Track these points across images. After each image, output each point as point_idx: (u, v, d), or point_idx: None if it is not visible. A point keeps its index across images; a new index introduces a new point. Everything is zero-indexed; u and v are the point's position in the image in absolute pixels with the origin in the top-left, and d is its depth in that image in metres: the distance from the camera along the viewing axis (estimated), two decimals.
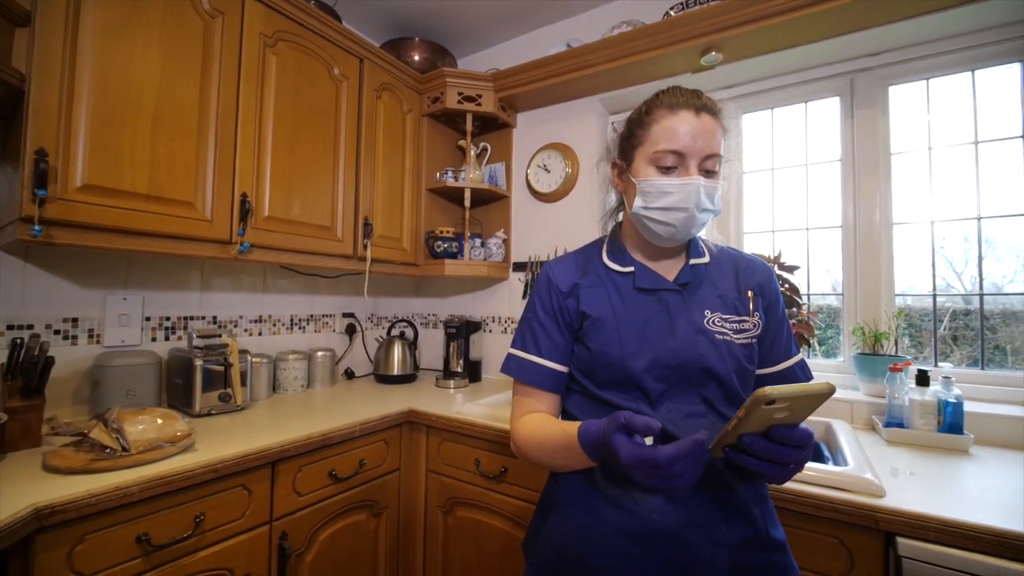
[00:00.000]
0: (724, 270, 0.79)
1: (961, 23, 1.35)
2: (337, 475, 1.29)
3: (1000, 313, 1.41)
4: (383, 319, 2.22)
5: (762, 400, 0.48)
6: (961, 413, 1.18)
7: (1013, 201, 1.37)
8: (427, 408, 1.50)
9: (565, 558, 0.70)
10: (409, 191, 1.90)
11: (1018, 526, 0.78)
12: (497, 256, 2.00)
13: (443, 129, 2.07)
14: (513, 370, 0.80)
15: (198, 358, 1.32)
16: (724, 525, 0.65)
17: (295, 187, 1.47)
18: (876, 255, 1.50)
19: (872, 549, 0.88)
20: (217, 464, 1.01)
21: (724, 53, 1.52)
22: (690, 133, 0.69)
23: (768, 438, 0.53)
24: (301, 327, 1.86)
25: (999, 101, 1.39)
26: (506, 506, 1.32)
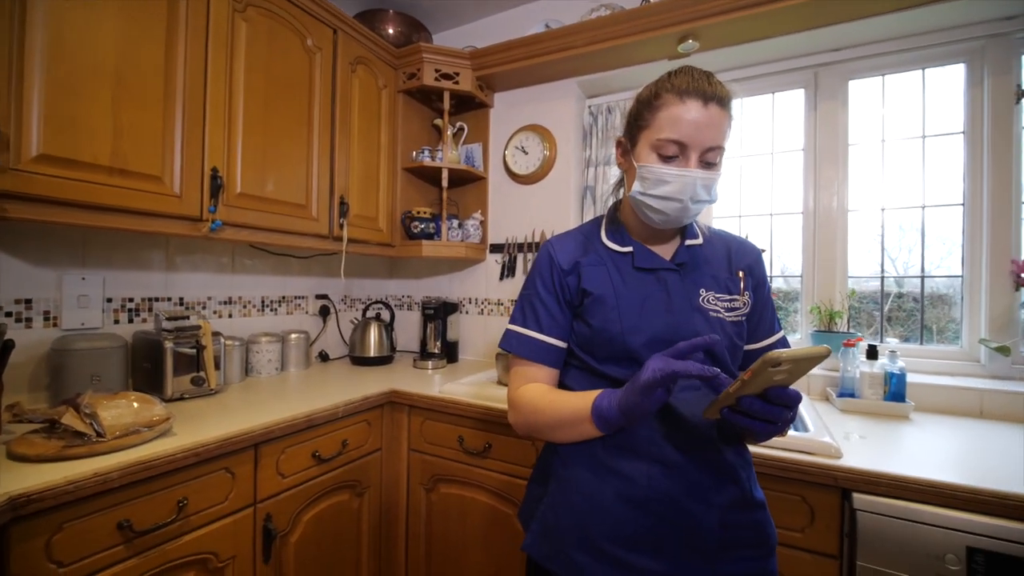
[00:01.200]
0: (717, 251, 0.83)
1: (914, 24, 1.44)
2: (321, 456, 1.28)
3: (928, 296, 1.56)
4: (357, 301, 2.18)
5: (771, 362, 0.52)
6: (904, 383, 1.30)
7: (950, 192, 1.50)
8: (409, 388, 1.51)
9: (566, 524, 0.74)
10: (385, 170, 1.86)
11: (951, 478, 0.88)
12: (475, 237, 2.00)
13: (419, 107, 2.03)
14: (513, 345, 0.82)
15: (168, 341, 1.27)
16: (715, 489, 0.70)
17: (268, 163, 1.41)
18: (832, 240, 1.61)
19: (830, 504, 0.97)
20: (199, 448, 0.99)
21: (701, 41, 1.56)
22: (695, 124, 0.70)
23: (765, 399, 0.59)
24: (273, 309, 1.80)
25: (945, 99, 1.50)
26: (490, 481, 1.35)
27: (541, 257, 0.84)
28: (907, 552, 0.88)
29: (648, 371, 0.61)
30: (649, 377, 0.60)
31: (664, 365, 0.60)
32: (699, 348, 0.61)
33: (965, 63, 1.47)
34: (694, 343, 0.62)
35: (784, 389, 0.58)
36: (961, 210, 1.48)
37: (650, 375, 0.60)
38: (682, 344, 0.63)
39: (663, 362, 0.61)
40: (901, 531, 0.89)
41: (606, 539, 0.70)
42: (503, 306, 2.03)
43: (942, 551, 0.86)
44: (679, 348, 0.63)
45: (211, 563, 1.03)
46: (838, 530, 0.97)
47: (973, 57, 1.45)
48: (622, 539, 0.69)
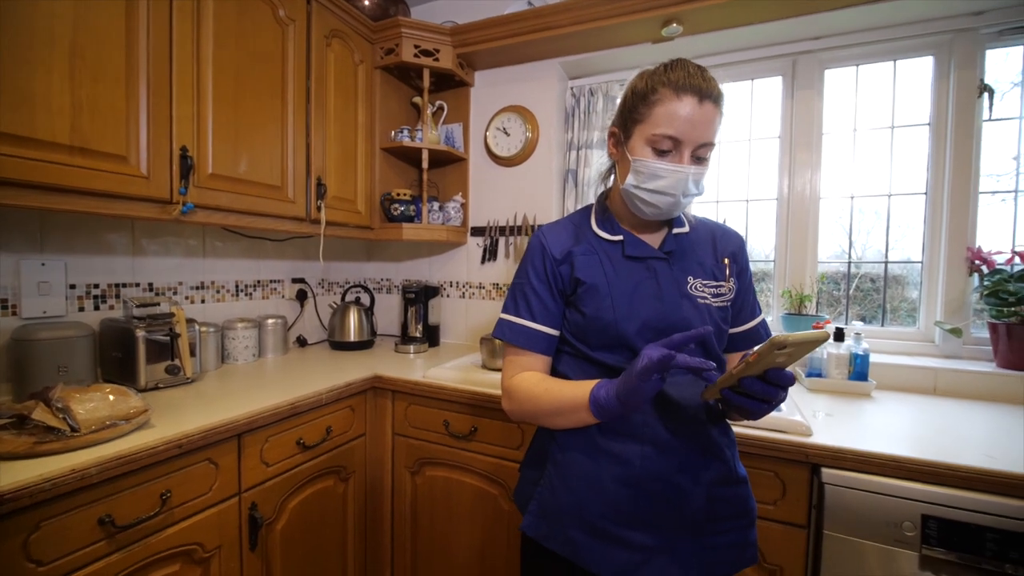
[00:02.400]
0: (703, 239, 0.85)
1: (887, 16, 1.48)
2: (305, 443, 1.27)
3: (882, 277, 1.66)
4: (335, 284, 2.13)
5: (778, 344, 0.55)
6: (867, 364, 1.38)
7: (914, 181, 1.57)
8: (392, 374, 1.50)
9: (564, 504, 0.76)
10: (363, 150, 1.80)
11: (909, 453, 0.95)
12: (456, 220, 1.98)
13: (396, 84, 1.96)
14: (507, 335, 0.83)
15: (140, 329, 1.22)
16: (703, 466, 0.74)
17: (241, 142, 1.34)
18: (804, 226, 1.67)
19: (801, 478, 1.03)
20: (181, 439, 0.96)
21: (684, 26, 1.56)
22: (690, 120, 0.71)
23: (765, 380, 0.61)
24: (248, 293, 1.75)
25: (914, 91, 1.56)
26: (476, 463, 1.38)
27: (533, 246, 0.85)
28: (869, 520, 0.96)
29: (644, 359, 0.63)
30: (645, 364, 0.62)
31: (659, 353, 0.62)
32: (693, 340, 0.64)
33: (933, 56, 1.52)
34: (688, 335, 0.64)
35: (782, 370, 0.61)
36: (923, 199, 1.56)
37: (646, 362, 0.62)
38: (676, 336, 0.65)
39: (658, 350, 0.63)
40: (864, 501, 0.96)
41: (602, 517, 0.73)
42: (484, 289, 2.03)
43: (900, 519, 0.93)
44: (673, 339, 0.64)
45: (196, 554, 1.02)
46: (807, 502, 1.03)
47: (941, 50, 1.50)
48: (617, 517, 0.72)
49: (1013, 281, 1.33)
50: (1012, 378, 1.32)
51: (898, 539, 0.93)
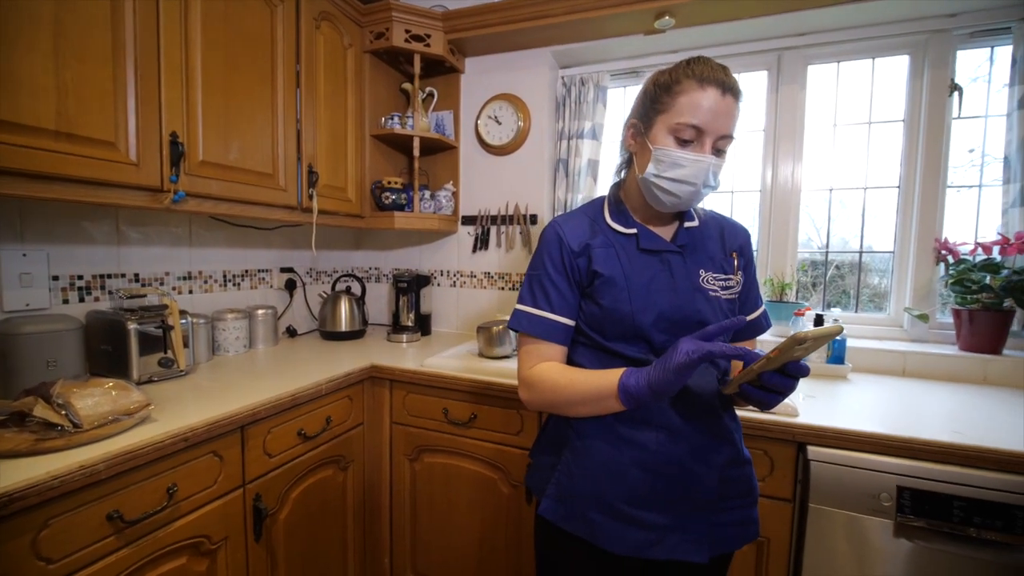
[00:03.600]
0: (711, 233, 0.88)
1: (868, 15, 1.53)
2: (306, 434, 1.27)
3: (849, 264, 1.77)
4: (323, 273, 2.10)
5: (799, 340, 0.58)
6: (844, 348, 1.47)
7: (888, 175, 1.66)
8: (389, 363, 1.51)
9: (583, 488, 0.80)
10: (353, 136, 1.76)
11: (885, 430, 1.03)
12: (447, 209, 1.97)
13: (386, 69, 1.92)
14: (524, 325, 0.84)
15: (131, 321, 1.18)
16: (714, 450, 0.79)
17: (232, 128, 1.30)
18: (786, 217, 1.74)
19: (788, 456, 1.10)
20: (187, 433, 0.95)
21: (677, 19, 1.58)
22: (713, 111, 0.73)
23: (783, 373, 0.66)
24: (236, 283, 1.71)
25: (890, 88, 1.64)
26: (477, 449, 1.40)
27: (549, 238, 0.86)
28: (849, 493, 1.03)
29: (682, 353, 0.65)
30: (684, 359, 0.65)
31: (697, 347, 0.65)
32: (727, 331, 0.67)
33: (909, 55, 1.59)
34: (723, 326, 0.67)
35: (798, 363, 0.65)
36: (896, 192, 1.65)
37: (685, 357, 0.65)
38: (711, 327, 0.68)
39: (696, 344, 0.66)
40: (845, 476, 1.04)
41: (621, 500, 0.77)
42: (476, 279, 2.04)
43: (877, 491, 1.01)
44: (708, 331, 0.68)
45: (203, 546, 1.02)
46: (792, 478, 1.11)
47: (916, 50, 1.58)
48: (634, 499, 0.76)
49: (976, 270, 1.43)
50: (973, 360, 1.43)
51: (876, 509, 1.01)
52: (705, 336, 0.68)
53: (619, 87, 1.98)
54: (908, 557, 0.99)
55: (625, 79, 1.95)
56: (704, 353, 0.65)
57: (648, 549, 0.77)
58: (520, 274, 1.96)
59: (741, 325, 0.69)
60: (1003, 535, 0.93)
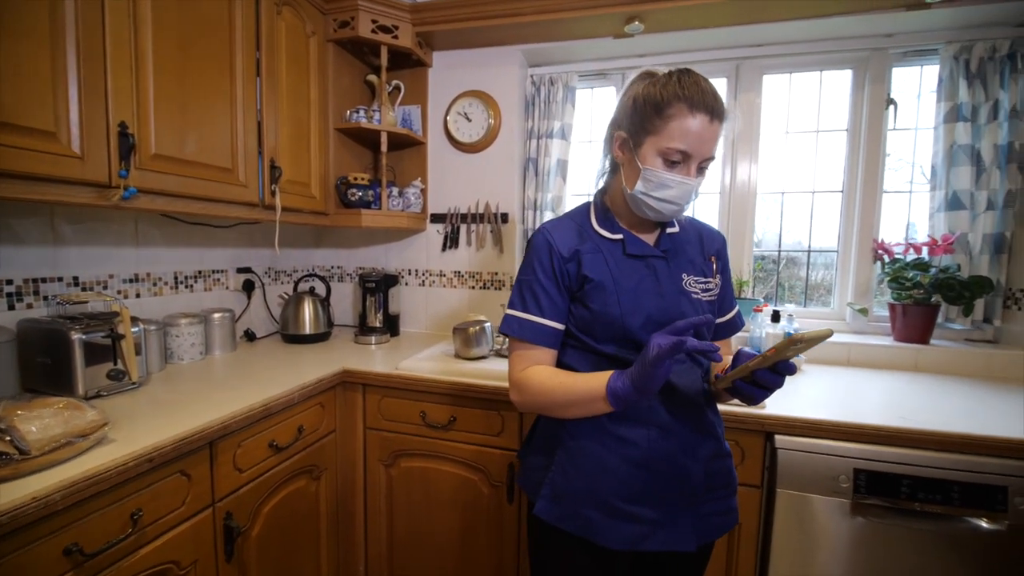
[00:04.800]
0: (691, 238, 0.92)
1: (816, 31, 1.65)
2: (277, 445, 1.20)
3: (785, 260, 1.92)
4: (282, 273, 1.99)
5: (796, 341, 0.62)
6: None
7: (832, 180, 1.79)
8: (361, 366, 1.46)
9: (578, 487, 0.81)
10: (316, 130, 1.68)
11: (841, 417, 1.12)
12: (416, 207, 1.93)
13: (350, 60, 1.84)
14: (515, 329, 0.85)
15: (75, 331, 1.07)
16: (700, 444, 0.83)
17: (188, 119, 1.20)
18: (744, 217, 1.84)
19: (757, 446, 1.18)
20: (152, 453, 0.88)
21: (646, 24, 1.63)
22: (701, 138, 0.76)
23: (773, 371, 0.70)
24: (188, 285, 1.58)
25: (836, 100, 1.77)
26: (457, 451, 1.39)
27: (539, 245, 0.86)
28: (812, 477, 1.12)
29: (654, 347, 0.68)
30: (656, 352, 0.67)
31: (666, 340, 0.68)
32: (695, 326, 0.70)
33: (852, 69, 1.73)
34: (691, 321, 0.70)
35: (788, 362, 0.69)
36: (840, 196, 1.79)
37: (656, 350, 0.67)
38: (680, 323, 0.71)
39: (666, 338, 0.68)
40: (808, 461, 1.12)
41: (615, 496, 0.79)
42: (445, 277, 2.01)
43: (837, 473, 1.10)
44: (677, 326, 0.70)
45: (172, 572, 0.94)
46: (761, 465, 1.18)
47: (858, 65, 1.71)
48: (627, 495, 0.79)
49: (909, 269, 1.59)
50: (906, 350, 1.58)
51: (835, 490, 1.10)
52: (675, 331, 0.71)
53: (587, 87, 2.01)
54: (863, 533, 1.09)
55: (593, 80, 1.98)
56: (673, 344, 0.67)
57: (641, 542, 0.80)
58: (491, 273, 1.95)
59: (710, 322, 0.72)
60: (942, 507, 1.04)
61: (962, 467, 1.04)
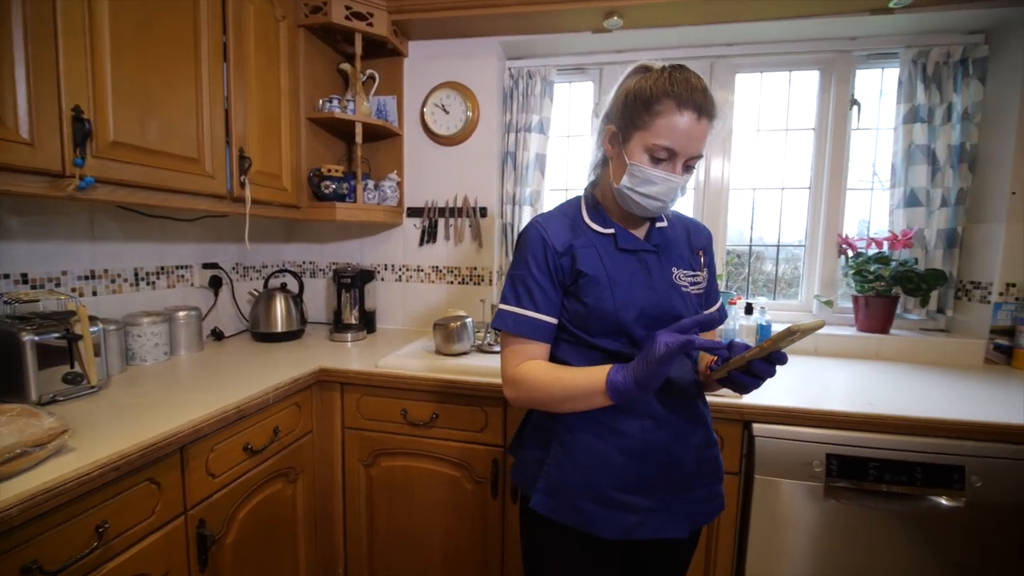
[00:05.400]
0: (679, 233, 0.93)
1: (786, 32, 1.70)
2: (252, 448, 1.15)
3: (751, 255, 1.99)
4: (251, 269, 1.91)
5: (792, 331, 0.63)
6: (769, 332, 1.64)
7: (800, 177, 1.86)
8: (337, 364, 1.42)
9: (575, 479, 0.81)
10: (287, 119, 1.61)
11: (813, 405, 1.16)
12: (392, 200, 1.88)
13: (321, 47, 1.77)
14: (509, 325, 0.84)
15: (26, 331, 0.99)
16: (691, 433, 0.84)
17: (150, 104, 1.12)
18: (717, 213, 1.89)
19: (736, 434, 1.21)
20: (119, 461, 0.82)
21: (625, 20, 1.63)
22: (688, 135, 0.76)
23: (767, 361, 0.71)
24: (150, 282, 1.49)
25: (804, 100, 1.83)
26: (440, 448, 1.37)
27: (532, 239, 0.85)
28: (787, 463, 1.16)
29: (661, 345, 0.69)
30: (664, 351, 0.68)
31: (674, 339, 0.68)
32: (700, 323, 0.71)
33: (819, 70, 1.79)
34: (696, 319, 0.72)
35: (781, 352, 0.71)
36: (807, 192, 1.86)
37: (664, 348, 0.68)
38: (685, 321, 0.72)
39: (672, 336, 0.69)
40: (783, 448, 1.16)
41: (611, 487, 0.80)
42: (423, 273, 1.98)
43: (810, 459, 1.15)
44: (683, 325, 0.71)
45: None
46: (739, 453, 1.22)
47: (825, 67, 1.78)
48: (623, 485, 0.80)
49: (871, 262, 1.67)
50: (869, 339, 1.66)
51: (809, 475, 1.15)
52: (680, 329, 0.72)
53: (565, 82, 2.01)
54: (835, 515, 1.14)
55: (571, 74, 1.98)
56: (682, 343, 0.68)
57: (635, 531, 0.81)
58: (470, 268, 1.93)
59: (712, 319, 0.74)
60: (906, 487, 1.10)
61: (924, 449, 1.10)
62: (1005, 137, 1.55)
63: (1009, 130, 1.54)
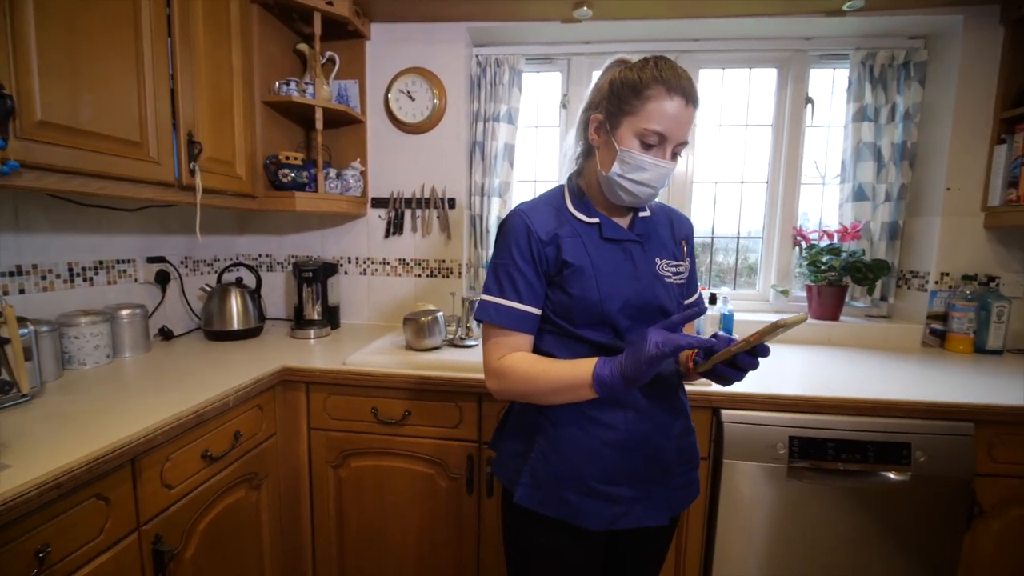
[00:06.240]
0: (662, 222, 0.93)
1: (746, 30, 1.75)
2: (212, 455, 1.08)
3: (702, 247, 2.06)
4: (201, 263, 1.78)
5: (780, 325, 0.64)
6: (732, 321, 1.70)
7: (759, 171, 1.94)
8: (302, 363, 1.35)
9: (560, 472, 0.81)
10: (240, 102, 1.50)
11: (776, 390, 1.22)
12: (355, 190, 1.80)
13: (276, 25, 1.66)
14: (492, 316, 0.82)
15: None
16: (672, 423, 0.86)
17: (85, 79, 1.01)
18: (681, 205, 1.93)
19: (705, 421, 1.25)
20: (61, 477, 0.74)
21: (594, 11, 1.63)
22: (677, 120, 0.76)
23: (751, 354, 0.72)
24: (87, 278, 1.36)
25: (763, 97, 1.90)
26: (412, 446, 1.34)
27: (517, 228, 0.83)
28: (753, 446, 1.21)
29: (652, 346, 0.69)
30: (655, 351, 0.68)
31: (666, 340, 0.69)
32: (691, 319, 0.72)
33: (777, 69, 1.86)
34: (685, 316, 0.72)
35: (764, 345, 0.72)
36: (765, 186, 1.94)
37: (656, 349, 0.68)
38: (675, 317, 0.73)
39: (663, 336, 0.69)
40: (749, 432, 1.21)
41: (595, 479, 0.80)
42: (390, 265, 1.91)
43: (774, 441, 1.20)
44: (673, 321, 0.72)
45: None
46: (708, 438, 1.26)
47: (783, 65, 1.85)
48: (607, 476, 0.80)
49: (824, 253, 1.76)
50: (821, 326, 1.76)
51: (773, 457, 1.20)
52: (670, 327, 0.73)
53: (533, 72, 1.98)
54: (798, 494, 1.21)
55: (539, 64, 1.96)
56: (675, 346, 0.69)
57: (619, 521, 0.82)
58: (439, 260, 1.89)
59: (702, 314, 0.75)
60: (860, 465, 1.18)
61: (875, 428, 1.18)
62: (941, 136, 1.67)
63: (944, 130, 1.66)
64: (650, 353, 0.69)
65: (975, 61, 1.59)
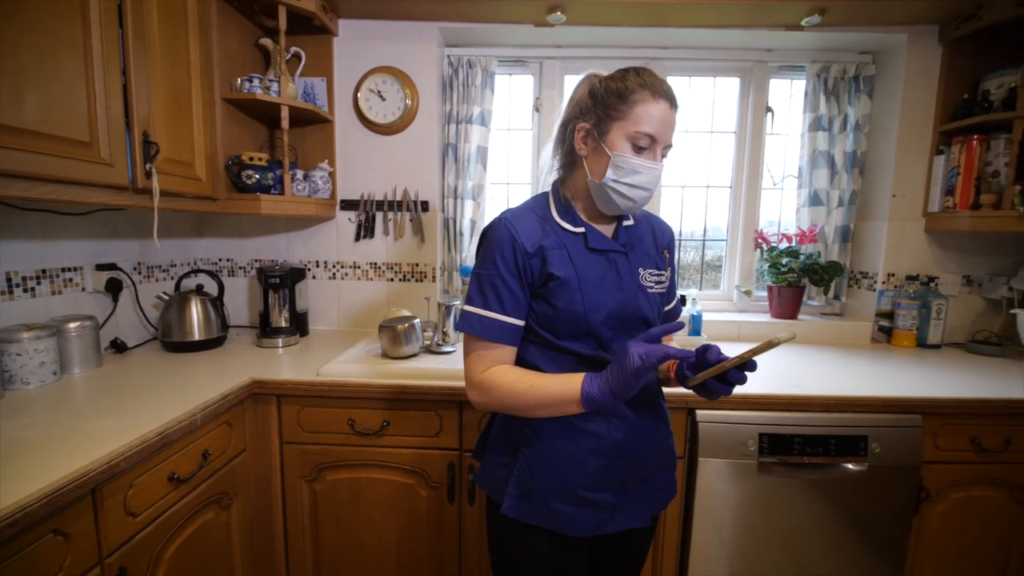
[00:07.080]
0: (644, 231, 0.94)
1: (711, 40, 1.81)
2: (179, 477, 1.02)
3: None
4: (156, 269, 1.67)
5: (774, 341, 0.66)
6: (700, 321, 1.77)
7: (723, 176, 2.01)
8: (276, 375, 1.30)
9: (547, 482, 0.82)
10: (199, 99, 1.41)
11: (748, 390, 1.27)
12: (324, 192, 1.74)
13: (237, 19, 1.57)
14: (475, 328, 0.81)
15: None
16: (653, 429, 0.88)
17: (27, 74, 0.92)
18: (652, 209, 1.97)
19: (681, 421, 1.29)
20: (14, 515, 0.68)
21: (568, 16, 1.64)
22: (664, 122, 0.78)
23: (740, 369, 0.75)
24: (28, 289, 1.24)
25: (727, 105, 1.97)
26: (391, 457, 1.31)
27: (501, 237, 0.82)
28: (726, 444, 1.26)
29: (635, 358, 0.70)
30: (639, 364, 0.70)
31: (649, 351, 0.70)
32: (669, 332, 0.74)
33: (740, 78, 1.94)
34: (665, 328, 0.74)
35: (753, 360, 0.75)
36: (728, 191, 2.02)
37: (639, 362, 0.70)
38: (654, 330, 0.75)
39: (645, 348, 0.71)
40: (722, 430, 1.26)
41: (581, 487, 0.81)
42: (360, 270, 1.86)
43: (746, 439, 1.26)
44: (651, 334, 0.74)
45: None
46: (684, 438, 1.30)
47: (745, 75, 1.92)
48: (592, 484, 0.82)
49: (784, 255, 1.85)
50: (782, 325, 1.86)
51: (744, 454, 1.26)
52: (649, 338, 0.75)
53: (505, 74, 1.98)
54: (768, 489, 1.27)
55: (512, 67, 1.95)
56: (660, 357, 0.71)
57: (604, 526, 0.84)
58: (412, 264, 1.86)
59: (679, 328, 0.78)
60: (823, 458, 1.25)
61: (836, 423, 1.25)
62: (887, 146, 1.79)
63: (890, 140, 1.78)
64: (635, 365, 0.70)
65: (917, 77, 1.72)
